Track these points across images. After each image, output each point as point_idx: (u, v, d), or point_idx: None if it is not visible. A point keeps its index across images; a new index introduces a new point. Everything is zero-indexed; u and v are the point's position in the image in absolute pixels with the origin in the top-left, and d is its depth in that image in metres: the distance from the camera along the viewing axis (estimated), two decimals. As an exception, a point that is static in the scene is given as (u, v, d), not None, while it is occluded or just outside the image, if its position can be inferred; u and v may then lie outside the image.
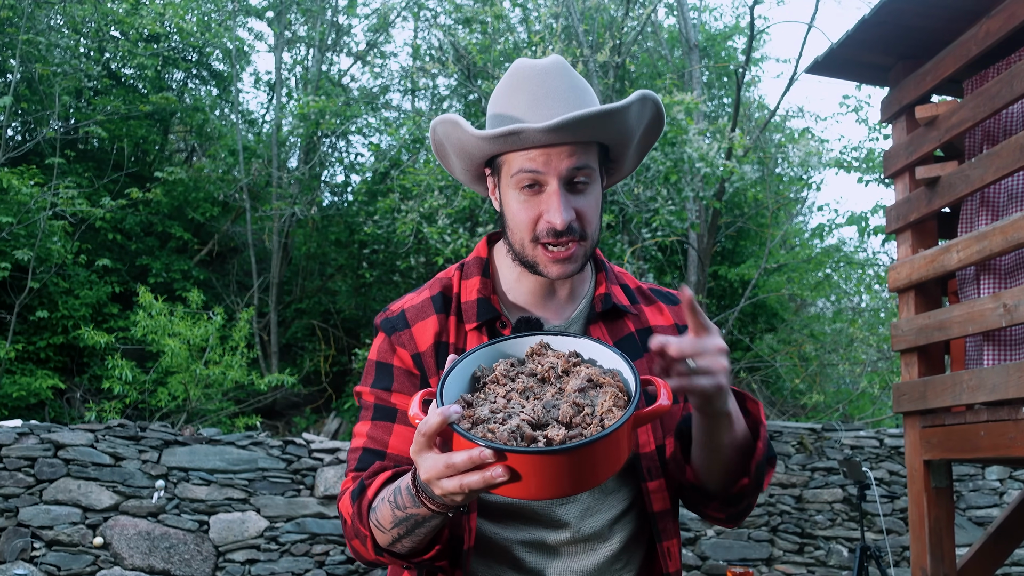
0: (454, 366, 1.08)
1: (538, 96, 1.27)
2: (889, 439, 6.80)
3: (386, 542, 1.19)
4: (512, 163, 1.27)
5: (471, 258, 1.42)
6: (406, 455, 1.28)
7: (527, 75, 1.29)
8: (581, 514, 1.29)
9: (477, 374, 1.10)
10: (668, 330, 1.40)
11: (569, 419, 1.01)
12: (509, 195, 1.29)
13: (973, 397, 3.10)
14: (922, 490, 3.45)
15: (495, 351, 1.14)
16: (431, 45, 10.91)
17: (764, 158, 10.49)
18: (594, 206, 1.28)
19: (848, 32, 3.54)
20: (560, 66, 1.30)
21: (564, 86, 1.28)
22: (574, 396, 1.04)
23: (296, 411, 9.00)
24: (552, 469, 0.95)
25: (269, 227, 9.82)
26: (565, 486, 0.97)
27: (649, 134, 1.35)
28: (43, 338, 7.94)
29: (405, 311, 1.36)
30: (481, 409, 1.02)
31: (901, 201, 3.67)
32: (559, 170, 1.24)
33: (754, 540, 6.29)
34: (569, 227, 1.25)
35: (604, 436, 0.95)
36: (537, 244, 1.27)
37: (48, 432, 5.39)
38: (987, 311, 3.04)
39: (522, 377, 1.09)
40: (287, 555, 5.57)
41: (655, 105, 1.30)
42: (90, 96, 9.64)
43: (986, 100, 3.13)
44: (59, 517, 5.22)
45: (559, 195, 1.24)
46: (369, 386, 1.35)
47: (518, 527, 1.29)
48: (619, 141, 1.30)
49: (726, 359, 1.13)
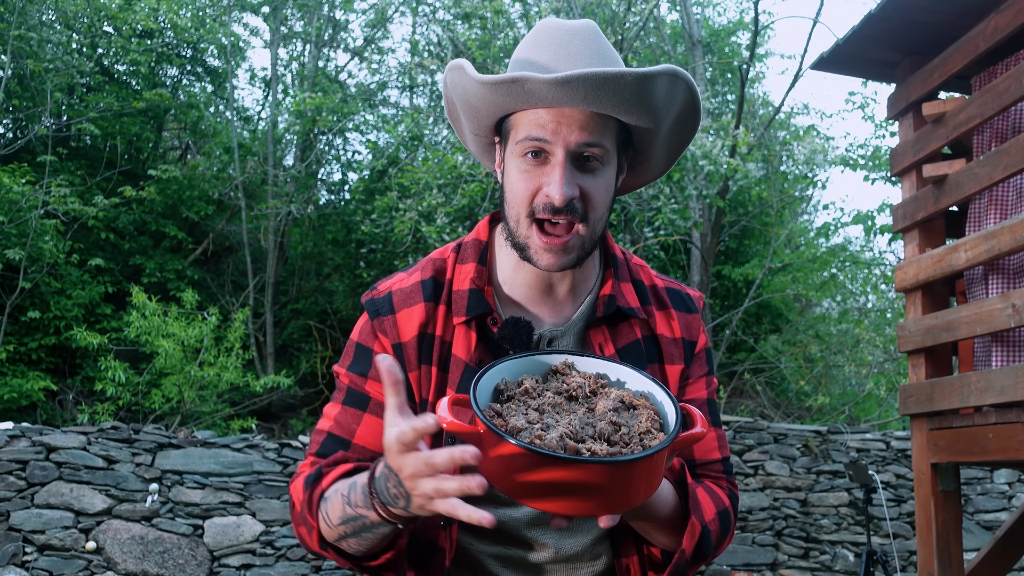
0: (483, 373, 1.05)
1: (559, 54, 1.17)
2: (896, 442, 6.80)
3: (332, 538, 1.15)
4: (519, 128, 1.18)
5: (469, 239, 1.33)
6: (371, 447, 1.23)
7: (553, 33, 1.19)
8: (559, 535, 1.26)
9: (500, 387, 1.07)
10: (672, 343, 1.31)
11: (608, 436, 0.98)
12: (511, 164, 1.20)
13: (981, 399, 3.10)
14: (929, 494, 3.45)
15: (518, 364, 1.10)
16: (430, 41, 10.91)
17: (769, 156, 10.48)
18: (603, 190, 1.18)
19: (854, 27, 3.54)
20: (590, 29, 1.20)
21: (590, 49, 1.17)
22: (609, 415, 1.01)
23: (292, 413, 8.99)
24: (600, 481, 0.92)
25: (265, 226, 9.82)
26: (605, 504, 0.94)
27: (683, 125, 1.22)
28: (35, 339, 7.94)
29: (392, 293, 1.28)
30: (515, 419, 0.98)
31: (908, 199, 3.67)
32: (568, 141, 1.14)
33: (758, 544, 6.29)
34: (570, 205, 1.15)
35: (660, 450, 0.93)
36: (532, 222, 1.18)
37: (40, 435, 5.39)
38: (995, 311, 3.04)
39: (548, 394, 1.06)
40: (283, 560, 5.57)
41: (688, 88, 1.16)
42: (82, 93, 9.63)
43: (994, 97, 3.13)
44: (51, 521, 5.22)
45: (563, 168, 1.14)
46: (346, 368, 1.29)
47: (498, 544, 1.26)
48: (643, 121, 1.17)
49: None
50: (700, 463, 1.31)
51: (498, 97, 1.16)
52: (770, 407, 9.75)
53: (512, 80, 1.12)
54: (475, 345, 1.24)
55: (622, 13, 9.22)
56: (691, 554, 1.17)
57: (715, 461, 1.32)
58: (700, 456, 1.31)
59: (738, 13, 13.28)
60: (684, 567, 1.18)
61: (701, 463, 1.31)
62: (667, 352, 1.31)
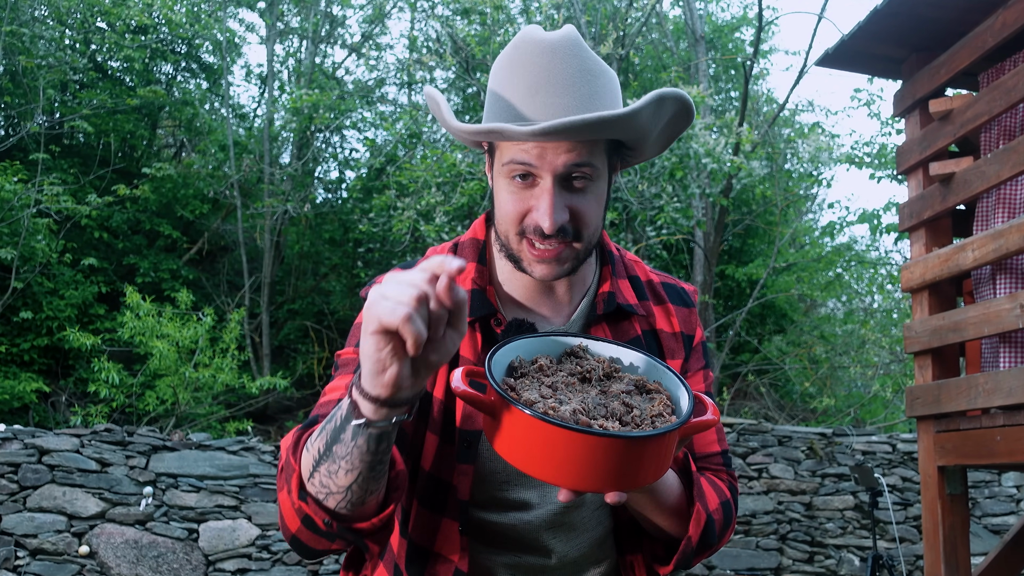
0: (498, 348, 1.06)
1: (539, 81, 1.16)
2: (902, 444, 6.81)
3: (308, 472, 1.02)
4: (504, 150, 1.18)
5: (466, 239, 1.34)
6: None
7: (532, 51, 1.18)
8: (566, 539, 1.27)
9: (514, 364, 1.08)
10: (671, 338, 1.33)
11: (620, 416, 1.00)
12: (500, 183, 1.20)
13: (989, 401, 3.11)
14: (936, 497, 3.45)
15: (533, 344, 1.12)
16: (428, 37, 10.91)
17: (773, 154, 10.49)
18: (594, 206, 1.20)
19: (860, 23, 3.54)
20: (571, 44, 1.18)
21: (572, 71, 1.16)
22: (623, 397, 1.04)
23: (289, 415, 8.99)
24: (608, 457, 0.93)
25: (261, 225, 9.82)
26: (612, 480, 0.95)
27: (673, 126, 1.24)
28: (27, 340, 7.94)
29: None
30: (529, 393, 1.00)
31: (915, 198, 3.67)
32: (554, 166, 1.14)
33: (762, 549, 6.29)
34: (561, 229, 1.16)
35: (670, 430, 0.95)
36: (523, 239, 1.19)
37: (32, 437, 5.39)
38: (1003, 312, 3.04)
39: (562, 374, 1.08)
40: (279, 564, 5.57)
41: (677, 102, 1.17)
42: (75, 89, 9.63)
43: (1002, 94, 3.13)
44: (43, 525, 5.22)
45: (551, 194, 1.15)
46: (350, 346, 1.26)
47: (503, 551, 1.27)
48: (631, 140, 1.20)
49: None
50: (700, 456, 1.33)
51: (478, 139, 1.19)
52: (774, 409, 9.75)
53: (488, 131, 1.13)
54: (481, 345, 1.25)
55: (624, 9, 9.22)
56: (697, 541, 1.18)
57: (715, 454, 1.34)
58: (700, 449, 1.33)
59: (742, 8, 13.28)
60: (690, 555, 1.20)
61: (701, 456, 1.33)
62: (667, 347, 1.33)
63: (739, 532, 6.29)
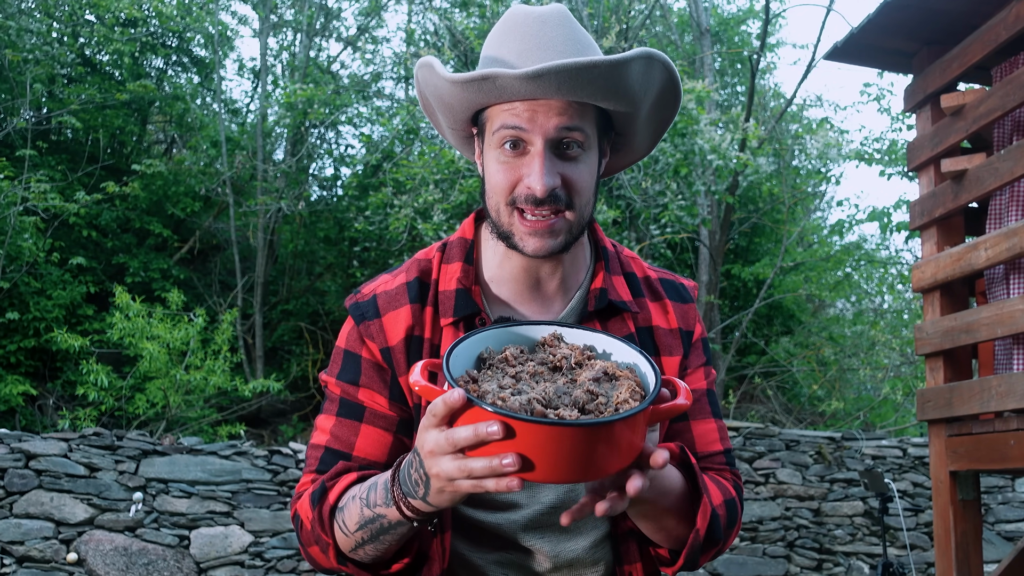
0: (460, 341, 1.06)
1: (529, 45, 1.19)
2: (913, 449, 6.81)
3: (349, 547, 1.16)
4: (495, 119, 1.20)
5: (455, 238, 1.36)
6: (373, 457, 1.25)
7: (521, 21, 1.21)
8: (557, 541, 1.28)
9: (484, 356, 1.09)
10: (668, 334, 1.34)
11: (582, 404, 1.00)
12: (490, 156, 1.22)
13: (1002, 404, 3.11)
14: (948, 503, 3.45)
15: (505, 334, 1.12)
16: (426, 30, 10.91)
17: (780, 150, 10.49)
18: (586, 176, 1.20)
19: (869, 16, 3.54)
20: (560, 14, 1.22)
21: (561, 36, 1.19)
22: (588, 384, 1.03)
23: (282, 419, 9.00)
24: (565, 447, 0.93)
25: (254, 223, 9.82)
26: (574, 470, 0.95)
27: (662, 105, 1.24)
28: (13, 341, 7.94)
29: (377, 296, 1.30)
30: (488, 384, 1.01)
31: (926, 196, 3.67)
32: (545, 129, 1.16)
33: (769, 556, 6.29)
34: (552, 195, 1.17)
35: (626, 416, 0.94)
36: (514, 210, 1.20)
37: (19, 441, 5.39)
38: (1017, 312, 3.04)
39: (532, 363, 1.08)
40: (273, 571, 5.57)
41: (665, 69, 1.18)
42: (63, 84, 9.63)
43: (1016, 88, 3.13)
44: (30, 531, 5.22)
45: (543, 157, 1.16)
46: (335, 376, 1.30)
47: (496, 550, 1.28)
48: (621, 106, 1.19)
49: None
50: (702, 456, 1.33)
51: (470, 94, 1.18)
52: (782, 412, 9.75)
53: (483, 77, 1.14)
54: None
55: (627, 1, 9.23)
56: (704, 535, 1.18)
57: (717, 453, 1.34)
58: (702, 448, 1.33)
59: (748, 1, 13.29)
60: (698, 550, 1.20)
61: (703, 456, 1.33)
62: (664, 344, 1.33)
63: (745, 539, 6.30)
